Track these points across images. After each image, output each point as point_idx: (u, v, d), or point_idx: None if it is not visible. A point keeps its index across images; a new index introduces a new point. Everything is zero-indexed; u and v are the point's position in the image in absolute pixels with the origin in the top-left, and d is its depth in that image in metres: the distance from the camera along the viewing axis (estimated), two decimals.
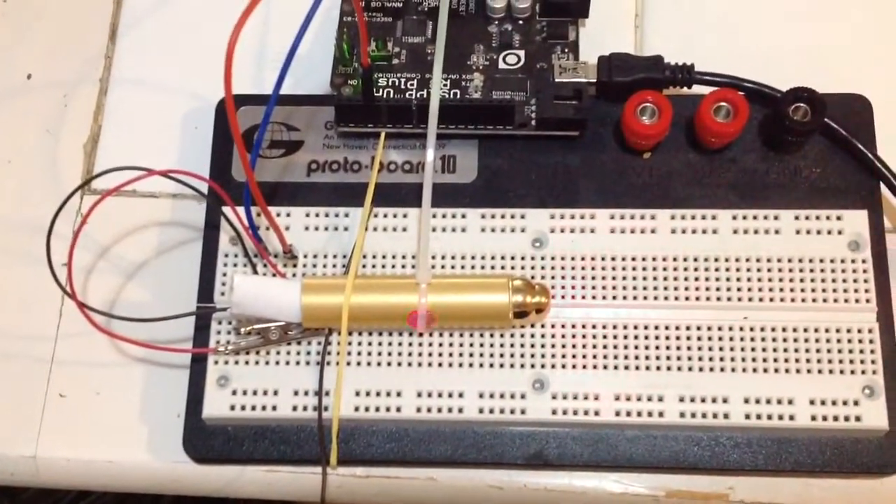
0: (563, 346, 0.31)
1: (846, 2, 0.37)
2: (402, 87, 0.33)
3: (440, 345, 0.31)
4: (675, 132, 0.33)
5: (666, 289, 0.31)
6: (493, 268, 0.32)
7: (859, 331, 0.30)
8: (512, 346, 0.31)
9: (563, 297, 0.31)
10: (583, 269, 0.31)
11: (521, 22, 0.34)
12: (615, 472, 0.31)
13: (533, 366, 0.30)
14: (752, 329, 0.30)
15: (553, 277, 0.31)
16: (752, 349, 0.30)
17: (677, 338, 0.30)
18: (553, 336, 0.31)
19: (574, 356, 0.30)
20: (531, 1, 0.34)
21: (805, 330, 0.30)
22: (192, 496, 0.33)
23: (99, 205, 0.30)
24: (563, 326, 0.31)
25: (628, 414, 0.30)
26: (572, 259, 0.31)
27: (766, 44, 0.36)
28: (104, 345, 0.33)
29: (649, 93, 0.32)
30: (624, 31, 0.36)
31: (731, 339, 0.30)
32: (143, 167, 0.30)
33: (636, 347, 0.30)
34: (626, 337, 0.31)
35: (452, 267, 0.32)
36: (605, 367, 0.30)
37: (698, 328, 0.30)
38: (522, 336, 0.31)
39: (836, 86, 0.33)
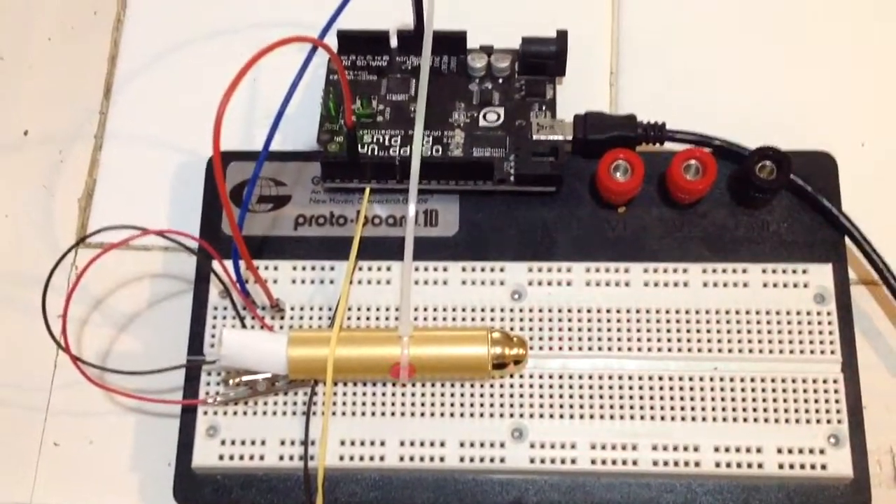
0: (541, 396, 0.32)
1: (813, 61, 0.38)
2: (386, 143, 0.34)
3: (422, 395, 0.32)
4: (648, 188, 0.34)
5: (639, 340, 0.32)
6: (473, 320, 0.33)
7: (825, 381, 0.31)
8: (491, 395, 0.32)
9: (540, 348, 0.32)
10: (560, 321, 0.32)
11: (500, 80, 0.35)
12: None
13: (512, 415, 0.31)
14: (721, 379, 0.31)
15: (531, 329, 0.32)
16: (722, 399, 0.31)
17: (650, 388, 0.31)
18: (531, 386, 0.32)
19: (552, 406, 0.31)
20: (510, 61, 0.35)
21: (772, 380, 0.31)
22: None
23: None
24: (540, 377, 0.32)
25: (604, 462, 0.31)
26: (550, 311, 0.32)
27: (737, 101, 0.37)
28: (97, 395, 0.34)
29: (622, 151, 0.33)
30: (599, 88, 0.38)
31: (701, 389, 0.31)
32: (137, 226, 0.31)
33: (611, 397, 0.31)
34: (601, 387, 0.32)
35: (434, 319, 0.33)
36: (581, 417, 0.31)
37: (670, 378, 0.31)
38: (502, 386, 0.32)
39: (804, 142, 0.34)
